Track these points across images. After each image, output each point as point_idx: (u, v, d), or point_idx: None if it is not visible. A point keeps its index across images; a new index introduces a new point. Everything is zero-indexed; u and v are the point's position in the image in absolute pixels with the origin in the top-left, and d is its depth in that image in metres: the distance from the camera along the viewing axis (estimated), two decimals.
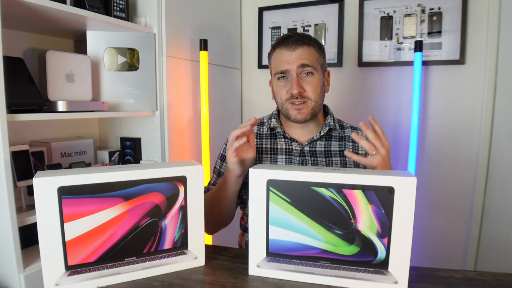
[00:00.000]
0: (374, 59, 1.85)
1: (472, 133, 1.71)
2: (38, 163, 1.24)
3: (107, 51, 1.41)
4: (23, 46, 1.33)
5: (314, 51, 1.01)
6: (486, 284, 0.73)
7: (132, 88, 1.45)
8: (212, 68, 1.79)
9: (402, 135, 1.81)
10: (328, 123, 1.05)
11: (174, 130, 1.59)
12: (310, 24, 1.98)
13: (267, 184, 0.73)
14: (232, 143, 0.87)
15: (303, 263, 0.74)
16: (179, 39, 1.60)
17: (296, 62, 0.98)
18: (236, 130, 0.87)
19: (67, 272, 0.69)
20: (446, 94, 1.74)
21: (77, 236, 0.69)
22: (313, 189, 0.71)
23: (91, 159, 1.51)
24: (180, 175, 0.76)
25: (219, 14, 1.95)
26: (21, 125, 1.28)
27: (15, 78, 1.09)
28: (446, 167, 1.77)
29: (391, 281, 0.69)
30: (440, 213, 1.79)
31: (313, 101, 0.99)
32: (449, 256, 1.79)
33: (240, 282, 0.74)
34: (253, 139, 0.95)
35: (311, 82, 0.99)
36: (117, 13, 1.35)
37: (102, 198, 0.70)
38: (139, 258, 0.75)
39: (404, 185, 0.67)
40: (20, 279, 0.99)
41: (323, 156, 1.04)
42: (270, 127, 1.08)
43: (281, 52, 1.01)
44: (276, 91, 1.05)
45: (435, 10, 1.71)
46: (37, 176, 0.66)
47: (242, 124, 0.87)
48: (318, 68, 1.01)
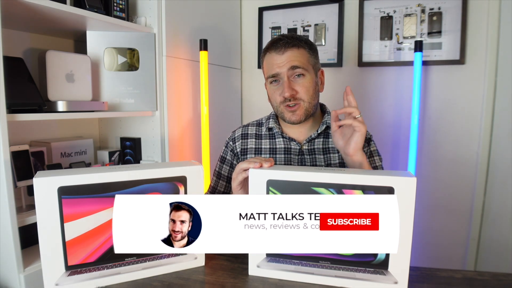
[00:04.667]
0: (374, 59, 1.84)
1: (472, 133, 1.71)
2: (38, 163, 1.24)
3: (107, 51, 1.41)
4: (23, 46, 1.33)
5: (305, 52, 1.00)
6: (486, 284, 0.73)
7: (132, 88, 1.45)
8: (212, 68, 1.79)
9: (402, 135, 1.81)
10: (325, 121, 1.06)
11: (174, 130, 1.59)
12: (310, 24, 1.98)
13: (267, 184, 0.73)
14: (237, 174, 0.83)
15: (303, 263, 0.74)
16: (179, 39, 1.60)
17: (286, 65, 0.97)
18: (244, 164, 0.80)
19: (67, 272, 0.69)
20: (446, 94, 1.74)
21: (77, 236, 0.69)
22: (313, 189, 0.71)
23: (91, 159, 1.51)
24: (180, 175, 0.76)
25: (219, 14, 1.95)
26: (21, 125, 1.28)
27: (15, 78, 1.09)
28: (446, 167, 1.77)
29: (391, 281, 0.69)
30: (440, 213, 1.79)
31: (306, 102, 0.99)
32: (449, 256, 1.79)
33: (240, 282, 0.74)
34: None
35: (303, 84, 0.99)
36: (117, 13, 1.35)
37: (102, 198, 0.70)
38: (139, 258, 0.75)
39: (404, 185, 0.67)
40: (20, 279, 0.99)
41: (322, 153, 1.04)
42: (269, 127, 1.09)
43: (271, 56, 1.00)
44: (270, 94, 1.05)
45: (435, 10, 1.71)
46: (37, 176, 0.66)
47: (253, 159, 0.80)
48: (310, 68, 1.00)
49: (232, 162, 1.12)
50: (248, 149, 1.09)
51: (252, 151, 1.09)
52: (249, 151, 1.09)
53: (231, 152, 1.12)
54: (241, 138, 1.11)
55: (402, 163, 1.79)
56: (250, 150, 1.09)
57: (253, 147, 1.09)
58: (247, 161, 0.80)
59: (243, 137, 1.11)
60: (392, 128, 1.84)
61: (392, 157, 1.84)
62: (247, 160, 0.81)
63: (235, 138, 1.12)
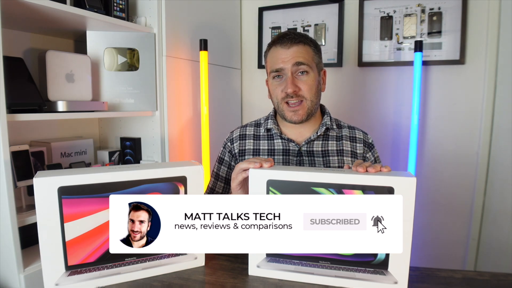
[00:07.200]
0: (374, 59, 1.84)
1: (472, 133, 1.71)
2: (38, 163, 1.24)
3: (107, 51, 1.41)
4: (23, 46, 1.33)
5: (310, 49, 1.00)
6: (486, 284, 0.74)
7: (132, 88, 1.45)
8: (212, 68, 1.79)
9: (402, 135, 1.81)
10: (325, 122, 1.05)
11: (174, 130, 1.59)
12: (310, 24, 1.98)
13: (267, 184, 0.73)
14: (237, 174, 0.82)
15: (302, 263, 0.74)
16: (179, 39, 1.60)
17: (291, 61, 0.98)
18: (244, 164, 0.80)
19: (67, 272, 0.69)
20: (446, 94, 1.74)
21: (77, 236, 0.69)
22: (313, 189, 0.71)
23: (91, 159, 1.51)
24: (180, 175, 0.76)
25: (219, 14, 1.95)
26: (21, 125, 1.28)
27: (15, 78, 1.09)
28: (446, 167, 1.77)
29: (391, 281, 0.69)
30: (440, 213, 1.79)
31: (309, 100, 0.99)
32: (449, 256, 1.79)
33: (240, 282, 0.74)
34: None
35: (306, 81, 0.99)
36: (117, 13, 1.35)
37: (102, 198, 0.70)
38: (139, 258, 0.75)
39: (404, 185, 0.67)
40: (20, 279, 0.99)
41: (320, 156, 1.04)
42: (267, 128, 1.08)
43: (277, 50, 1.01)
44: (271, 90, 1.05)
45: (435, 10, 1.71)
46: (37, 176, 0.66)
47: (253, 159, 0.79)
48: (314, 66, 1.00)
49: (230, 163, 1.12)
50: (246, 150, 1.09)
51: (250, 152, 1.08)
52: (247, 152, 1.08)
53: (229, 153, 1.12)
54: (239, 139, 1.11)
55: (402, 163, 1.79)
56: (248, 151, 1.08)
57: (251, 148, 1.08)
58: (247, 161, 0.80)
59: (241, 138, 1.10)
60: (392, 128, 1.84)
61: (392, 157, 1.83)
62: (247, 160, 0.80)
63: (233, 139, 1.12)
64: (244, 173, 0.80)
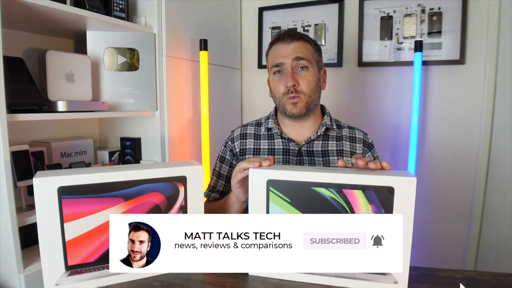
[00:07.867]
0: (374, 59, 1.84)
1: (472, 133, 1.71)
2: (38, 163, 1.24)
3: (107, 51, 1.41)
4: (23, 46, 1.33)
5: (310, 46, 1.03)
6: (486, 284, 0.73)
7: (132, 88, 1.45)
8: (212, 68, 1.79)
9: (402, 135, 1.81)
10: (325, 122, 1.06)
11: (174, 130, 1.59)
12: (310, 24, 1.97)
13: (267, 184, 0.73)
14: (237, 173, 0.83)
15: None
16: (179, 39, 1.60)
17: (291, 55, 0.99)
18: (244, 163, 0.80)
19: (67, 272, 0.69)
20: (446, 94, 1.74)
21: (77, 236, 0.69)
22: (313, 189, 0.71)
23: (91, 159, 1.51)
24: (180, 175, 0.76)
25: (219, 14, 1.95)
26: (21, 125, 1.28)
27: (15, 78, 1.09)
28: (446, 167, 1.77)
29: (391, 281, 0.69)
30: (440, 213, 1.79)
31: (307, 95, 1.00)
32: (449, 256, 1.79)
33: (240, 282, 0.74)
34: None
35: (306, 77, 1.00)
36: (117, 13, 1.35)
37: (102, 198, 0.70)
38: None
39: (404, 185, 0.67)
40: (20, 279, 0.99)
41: (320, 155, 1.04)
42: (268, 127, 1.08)
43: (277, 46, 1.03)
44: (272, 86, 1.06)
45: (435, 10, 1.71)
46: (37, 176, 0.66)
47: (252, 159, 0.79)
48: (314, 63, 1.02)
49: (231, 161, 1.12)
50: (247, 149, 1.09)
51: (251, 151, 1.09)
52: (247, 151, 1.09)
53: (230, 152, 1.12)
54: (239, 138, 1.11)
55: (402, 163, 1.79)
56: (249, 150, 1.09)
57: (252, 147, 1.09)
58: (247, 160, 0.80)
59: (241, 137, 1.11)
60: (392, 128, 1.84)
61: (392, 157, 1.83)
62: (247, 160, 0.81)
63: (234, 138, 1.12)
64: (244, 173, 0.81)
